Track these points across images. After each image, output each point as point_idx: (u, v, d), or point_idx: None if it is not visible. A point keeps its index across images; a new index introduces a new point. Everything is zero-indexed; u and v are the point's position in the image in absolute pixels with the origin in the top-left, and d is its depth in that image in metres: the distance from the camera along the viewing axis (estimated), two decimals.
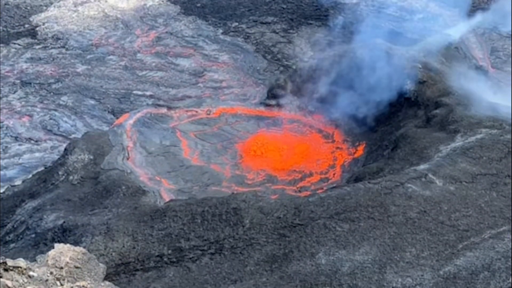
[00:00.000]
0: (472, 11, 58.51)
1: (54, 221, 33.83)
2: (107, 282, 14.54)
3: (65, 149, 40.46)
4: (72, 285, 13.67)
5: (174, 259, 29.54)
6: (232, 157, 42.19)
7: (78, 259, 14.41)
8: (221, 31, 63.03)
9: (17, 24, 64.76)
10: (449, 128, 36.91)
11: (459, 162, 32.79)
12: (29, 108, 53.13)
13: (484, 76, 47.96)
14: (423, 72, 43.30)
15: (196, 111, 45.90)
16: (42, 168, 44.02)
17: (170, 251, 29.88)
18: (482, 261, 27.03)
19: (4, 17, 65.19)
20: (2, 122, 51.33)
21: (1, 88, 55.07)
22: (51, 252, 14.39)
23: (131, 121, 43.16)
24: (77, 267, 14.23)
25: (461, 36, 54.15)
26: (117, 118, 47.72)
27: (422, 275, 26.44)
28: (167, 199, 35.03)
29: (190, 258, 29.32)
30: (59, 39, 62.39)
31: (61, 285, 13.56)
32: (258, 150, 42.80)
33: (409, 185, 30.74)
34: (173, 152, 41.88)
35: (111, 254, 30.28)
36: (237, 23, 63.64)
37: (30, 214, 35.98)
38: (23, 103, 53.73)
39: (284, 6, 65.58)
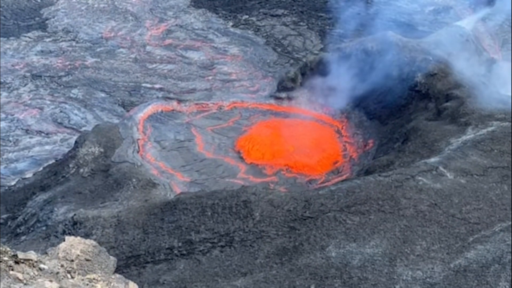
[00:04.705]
0: (483, 3, 58.13)
1: (65, 213, 34.00)
2: (117, 275, 14.53)
3: (76, 142, 40.60)
4: (82, 277, 13.69)
5: (184, 252, 29.57)
6: (244, 149, 42.31)
7: (88, 251, 14.42)
8: (231, 23, 62.99)
9: (27, 17, 64.93)
10: (460, 120, 36.71)
11: (470, 155, 32.60)
12: (39, 101, 53.34)
13: (496, 68, 47.58)
14: (434, 65, 43.07)
15: (207, 104, 45.93)
16: (53, 161, 44.21)
17: (180, 244, 29.92)
18: (492, 254, 26.88)
19: (15, 10, 65.35)
20: (13, 115, 51.51)
21: (12, 81, 55.26)
22: (62, 245, 14.40)
23: (141, 114, 43.21)
24: (87, 260, 14.25)
25: (472, 28, 53.77)
26: (127, 111, 47.84)
27: (432, 268, 26.33)
28: (179, 192, 35.06)
29: (200, 251, 29.34)
30: (69, 32, 62.56)
31: (72, 277, 13.58)
32: (268, 142, 42.79)
33: (419, 178, 30.58)
34: (187, 146, 41.94)
35: (122, 246, 30.39)
36: (247, 16, 63.56)
37: (41, 207, 36.14)
38: (33, 96, 53.91)
39: None
